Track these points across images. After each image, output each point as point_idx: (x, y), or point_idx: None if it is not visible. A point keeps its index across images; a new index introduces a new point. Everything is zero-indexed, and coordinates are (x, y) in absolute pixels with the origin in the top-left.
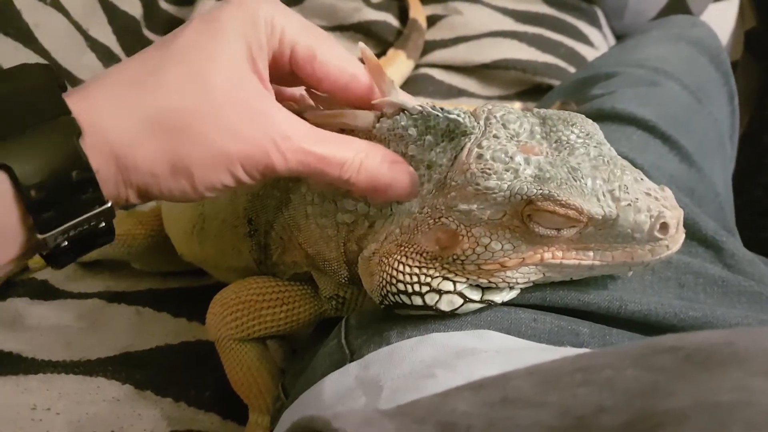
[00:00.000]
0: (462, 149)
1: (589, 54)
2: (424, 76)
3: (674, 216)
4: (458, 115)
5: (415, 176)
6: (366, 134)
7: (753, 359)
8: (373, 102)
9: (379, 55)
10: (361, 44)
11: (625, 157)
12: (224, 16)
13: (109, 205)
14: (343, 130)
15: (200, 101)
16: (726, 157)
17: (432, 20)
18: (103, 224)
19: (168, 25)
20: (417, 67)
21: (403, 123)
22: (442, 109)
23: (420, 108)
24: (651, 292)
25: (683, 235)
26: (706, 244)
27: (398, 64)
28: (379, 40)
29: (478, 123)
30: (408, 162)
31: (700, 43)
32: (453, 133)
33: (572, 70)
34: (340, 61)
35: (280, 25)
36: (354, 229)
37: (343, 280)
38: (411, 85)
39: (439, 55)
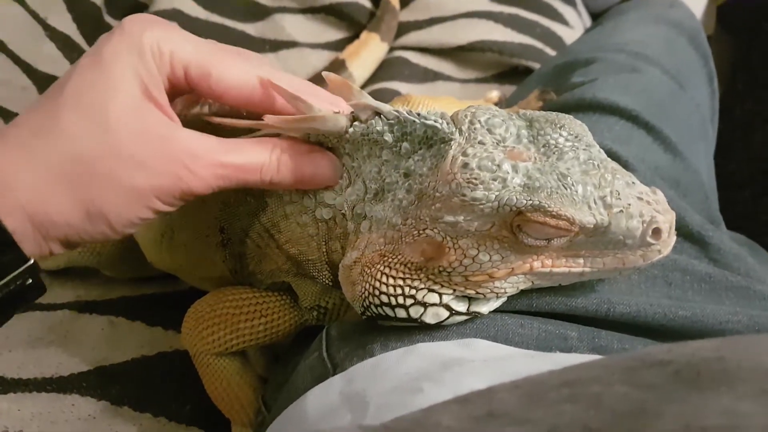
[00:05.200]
0: (444, 157)
1: (565, 34)
2: (399, 60)
3: (667, 220)
4: (436, 122)
5: (335, 160)
6: (338, 139)
7: (744, 378)
8: (348, 104)
9: (351, 39)
10: (324, 73)
11: (608, 149)
12: (109, 50)
13: (32, 262)
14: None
15: (101, 142)
16: (708, 142)
17: (405, 1)
18: (30, 281)
19: (130, 10)
20: (391, 50)
21: (378, 128)
22: (419, 114)
23: (396, 113)
24: (639, 292)
25: (675, 238)
26: (692, 240)
27: (372, 48)
28: (352, 22)
29: (462, 127)
30: (381, 166)
31: (679, 24)
32: (431, 140)
33: (549, 50)
34: (238, 75)
35: (168, 49)
36: (333, 227)
37: (328, 282)
38: (386, 68)
39: (413, 37)
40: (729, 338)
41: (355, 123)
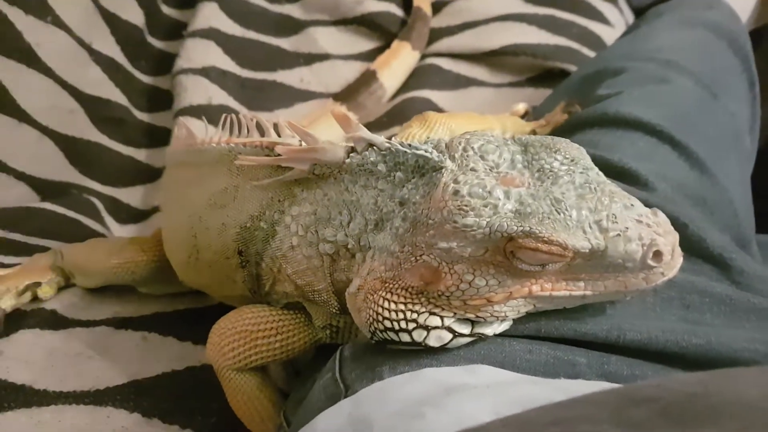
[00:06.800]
0: (437, 185)
1: (605, 33)
2: (431, 67)
3: (668, 242)
4: (426, 151)
5: None
6: (338, 169)
7: (729, 415)
8: (345, 136)
9: (383, 48)
10: (329, 108)
11: (627, 167)
12: None
13: None
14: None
15: None
16: (744, 155)
17: (437, 6)
18: None
19: (171, 29)
20: (423, 57)
21: (372, 159)
22: (410, 145)
23: (388, 144)
24: (653, 316)
25: (680, 259)
26: (713, 262)
27: (403, 57)
28: (383, 32)
29: (455, 155)
30: (377, 197)
31: (717, 27)
32: (423, 168)
33: (586, 51)
34: None
35: None
36: (337, 259)
37: (335, 310)
38: (417, 76)
39: (445, 44)
40: (717, 372)
41: (352, 154)
